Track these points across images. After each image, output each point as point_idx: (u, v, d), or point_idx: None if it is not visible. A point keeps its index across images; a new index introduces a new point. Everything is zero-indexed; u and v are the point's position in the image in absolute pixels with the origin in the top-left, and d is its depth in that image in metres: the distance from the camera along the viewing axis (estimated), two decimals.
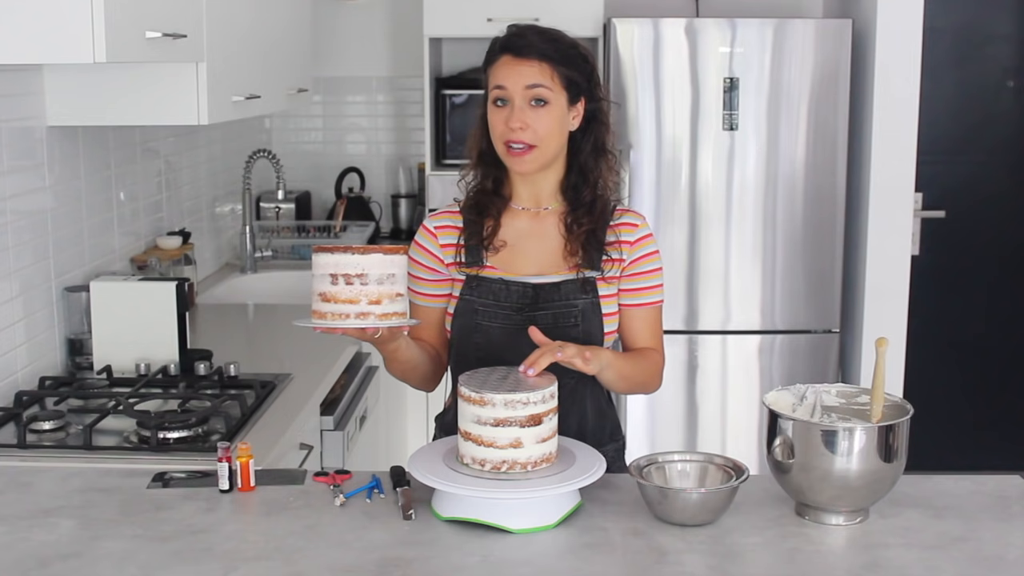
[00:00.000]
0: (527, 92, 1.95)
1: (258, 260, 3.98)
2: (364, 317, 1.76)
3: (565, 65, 1.98)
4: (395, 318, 1.78)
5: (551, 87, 1.96)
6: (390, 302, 1.77)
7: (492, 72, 2.00)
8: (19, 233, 2.48)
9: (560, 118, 1.98)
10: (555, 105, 1.97)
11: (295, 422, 2.35)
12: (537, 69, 1.96)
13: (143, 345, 2.58)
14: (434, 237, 2.07)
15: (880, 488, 1.72)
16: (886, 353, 1.75)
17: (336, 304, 1.76)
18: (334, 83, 4.60)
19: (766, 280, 4.02)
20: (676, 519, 1.71)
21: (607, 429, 2.09)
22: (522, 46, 1.98)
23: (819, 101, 3.93)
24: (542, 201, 2.06)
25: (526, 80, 1.96)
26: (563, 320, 1.98)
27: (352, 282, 1.75)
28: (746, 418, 4.05)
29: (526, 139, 1.95)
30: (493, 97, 1.98)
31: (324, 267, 1.76)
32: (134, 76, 2.56)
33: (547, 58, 1.97)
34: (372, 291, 1.76)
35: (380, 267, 1.76)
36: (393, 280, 1.78)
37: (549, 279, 2.01)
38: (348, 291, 1.75)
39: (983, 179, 4.43)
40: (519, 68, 1.96)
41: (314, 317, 1.79)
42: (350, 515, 1.76)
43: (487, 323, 2.00)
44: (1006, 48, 4.40)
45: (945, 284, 4.43)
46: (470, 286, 2.02)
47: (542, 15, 3.84)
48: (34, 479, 1.92)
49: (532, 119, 1.95)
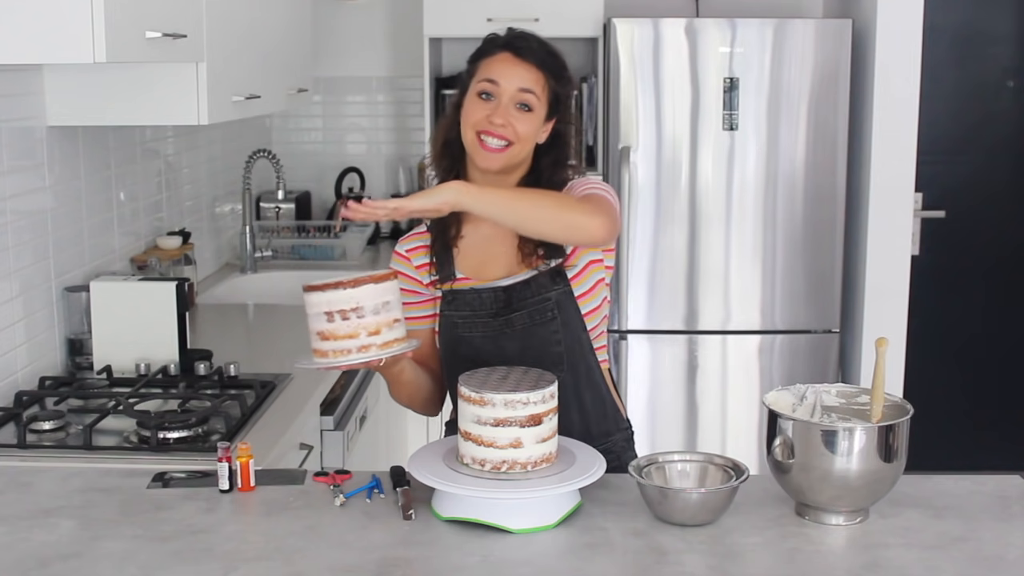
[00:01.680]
0: (517, 94, 1.97)
1: (258, 260, 3.98)
2: (366, 350, 1.75)
3: (556, 80, 2.01)
4: (396, 345, 1.77)
5: (539, 96, 1.98)
6: (389, 330, 1.76)
7: (485, 65, 2.00)
8: (19, 233, 2.48)
9: (537, 127, 2.00)
10: (536, 114, 1.99)
11: (295, 422, 2.35)
12: (533, 75, 1.98)
13: (143, 345, 2.58)
14: (407, 260, 2.08)
15: (880, 488, 1.72)
16: (886, 353, 1.75)
17: (336, 341, 1.74)
18: (334, 83, 4.60)
19: (766, 280, 4.02)
20: (676, 519, 1.71)
21: (611, 418, 2.09)
22: (523, 48, 1.99)
23: (819, 101, 3.93)
24: None
25: (521, 82, 1.97)
26: (539, 316, 1.98)
27: (348, 316, 1.73)
28: (746, 418, 4.05)
29: (506, 135, 1.95)
30: (479, 89, 1.99)
31: (318, 306, 1.75)
32: (134, 76, 2.56)
33: (544, 68, 1.99)
34: (370, 323, 1.74)
35: (373, 297, 1.75)
36: (388, 307, 1.77)
37: (518, 278, 2.01)
38: (346, 327, 1.74)
39: (983, 179, 4.43)
40: (517, 69, 1.97)
41: (315, 356, 1.78)
42: (350, 515, 1.76)
43: (468, 334, 2.01)
44: (1006, 48, 4.40)
45: (945, 284, 4.43)
46: (447, 301, 2.04)
47: (542, 15, 3.84)
48: (34, 479, 1.92)
49: (515, 120, 1.96)
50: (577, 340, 2.02)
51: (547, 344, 1.99)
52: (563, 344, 2.00)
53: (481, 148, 1.97)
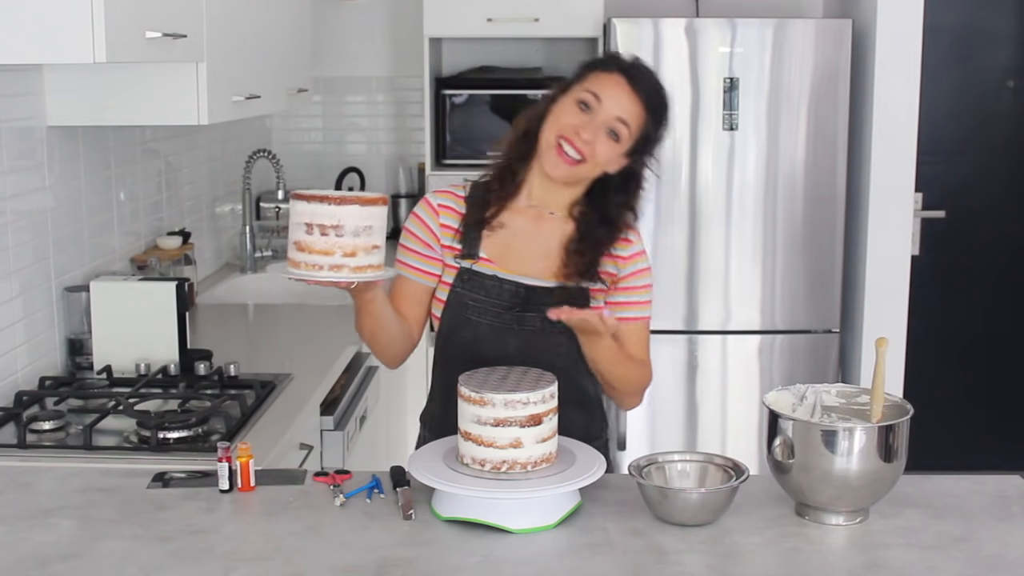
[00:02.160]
0: (613, 120, 1.95)
1: (258, 260, 3.98)
2: (337, 269, 1.71)
3: (655, 121, 2.00)
4: (370, 271, 1.74)
5: (631, 130, 1.97)
6: (365, 254, 1.72)
7: (595, 78, 1.98)
8: (19, 233, 2.48)
9: (616, 158, 1.99)
10: (621, 146, 1.98)
11: (295, 422, 2.35)
12: (636, 109, 1.97)
13: (143, 345, 2.58)
14: (435, 214, 2.05)
15: (880, 488, 1.73)
16: (886, 353, 1.75)
17: (310, 255, 1.71)
18: (334, 83, 4.60)
19: (766, 280, 4.02)
20: (676, 519, 1.71)
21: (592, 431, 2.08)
22: (638, 79, 1.98)
23: (819, 101, 3.93)
24: (550, 205, 2.05)
25: (622, 111, 1.95)
26: (550, 325, 1.96)
27: (327, 232, 1.70)
28: (746, 418, 4.05)
29: (584, 152, 1.94)
30: (581, 98, 1.96)
31: (300, 215, 1.72)
32: (134, 76, 2.56)
33: (649, 105, 1.98)
34: (347, 243, 1.71)
35: (356, 218, 1.71)
36: (370, 232, 1.73)
37: (543, 283, 2.01)
38: (323, 242, 1.70)
39: (983, 179, 4.43)
40: (623, 96, 1.96)
41: (288, 265, 1.75)
42: (350, 515, 1.76)
43: (476, 318, 2.00)
44: (1006, 48, 4.40)
45: (945, 284, 4.43)
46: (463, 279, 2.01)
47: (542, 15, 3.84)
48: (34, 479, 1.92)
49: (599, 142, 1.95)
50: (575, 361, 2.02)
51: (547, 355, 1.97)
52: (562, 360, 2.00)
53: (555, 153, 1.96)
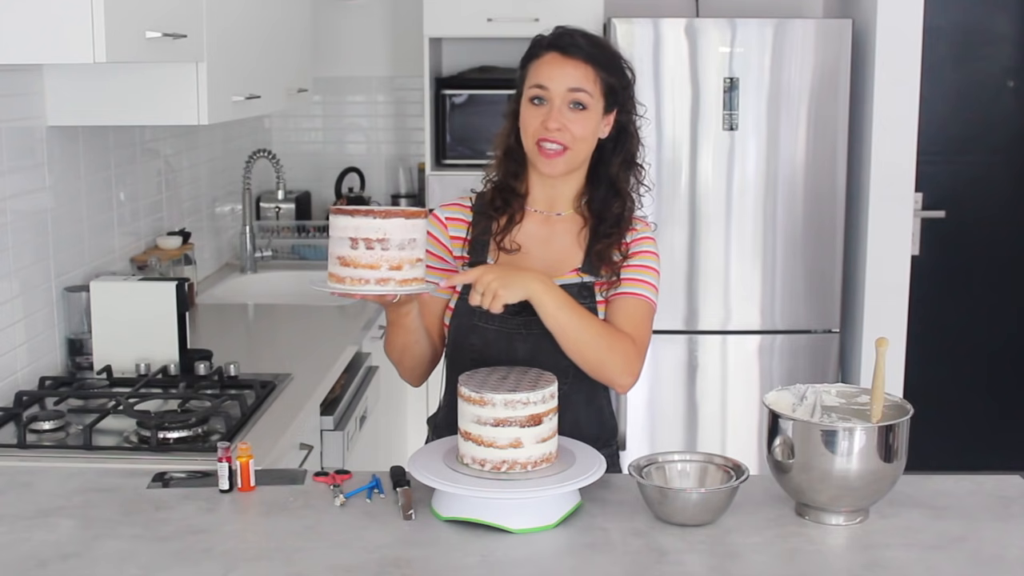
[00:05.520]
0: (568, 94, 1.94)
1: (258, 260, 3.98)
2: (384, 283, 1.72)
3: (608, 71, 1.97)
4: (415, 284, 1.74)
5: (592, 92, 1.95)
6: (410, 267, 1.73)
7: (534, 69, 1.98)
8: (19, 233, 2.48)
9: (595, 125, 1.97)
10: (592, 111, 1.96)
11: (295, 422, 2.35)
12: (582, 72, 1.94)
13: (143, 345, 2.58)
14: (444, 227, 2.05)
15: (880, 488, 1.72)
16: (886, 353, 1.75)
17: (356, 269, 1.71)
18: (334, 83, 4.60)
19: (766, 280, 4.02)
20: (676, 519, 1.71)
21: (602, 439, 2.06)
22: (569, 45, 1.96)
23: (819, 101, 3.93)
24: (556, 206, 2.05)
25: (569, 82, 1.94)
26: None
27: (373, 247, 1.70)
28: (746, 418, 4.05)
29: (563, 140, 1.94)
30: (530, 95, 1.96)
31: (344, 230, 1.71)
32: (134, 76, 2.56)
33: (593, 61, 1.95)
34: (393, 256, 1.71)
35: (402, 232, 1.71)
36: (414, 245, 1.73)
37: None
38: (368, 256, 1.70)
39: (983, 179, 4.43)
40: (564, 68, 1.94)
41: (331, 280, 1.74)
42: (350, 515, 1.76)
43: (484, 324, 2.00)
44: (1006, 48, 4.40)
45: (945, 284, 4.43)
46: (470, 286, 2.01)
47: (542, 15, 3.83)
48: (34, 479, 1.92)
49: (569, 121, 1.94)
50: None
51: (556, 359, 1.95)
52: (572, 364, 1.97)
53: (542, 155, 1.95)
